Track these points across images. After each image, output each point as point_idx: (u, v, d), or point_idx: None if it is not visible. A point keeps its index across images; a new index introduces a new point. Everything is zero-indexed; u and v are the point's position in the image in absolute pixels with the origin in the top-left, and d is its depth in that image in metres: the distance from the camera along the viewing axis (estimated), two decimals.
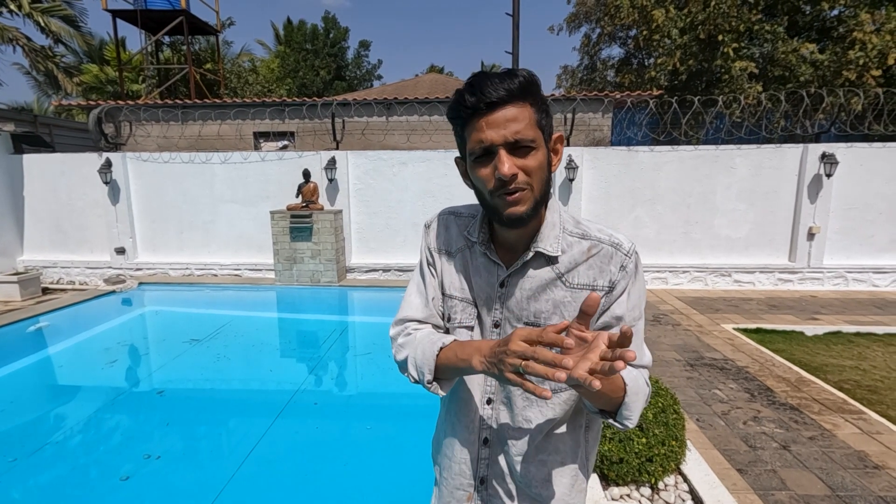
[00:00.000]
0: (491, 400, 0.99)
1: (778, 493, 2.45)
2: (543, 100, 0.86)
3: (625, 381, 0.84)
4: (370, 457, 3.04)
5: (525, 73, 0.83)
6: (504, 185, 0.83)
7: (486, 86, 0.81)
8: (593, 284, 0.90)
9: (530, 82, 0.83)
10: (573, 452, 1.00)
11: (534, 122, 0.83)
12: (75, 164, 7.59)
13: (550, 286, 0.91)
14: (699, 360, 4.35)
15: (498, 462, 0.99)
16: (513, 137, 0.81)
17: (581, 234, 0.92)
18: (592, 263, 0.90)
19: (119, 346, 4.98)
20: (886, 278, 6.89)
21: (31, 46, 12.90)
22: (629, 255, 0.90)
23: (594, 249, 0.90)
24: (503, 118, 0.81)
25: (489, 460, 1.00)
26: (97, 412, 3.61)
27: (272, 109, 9.56)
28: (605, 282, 0.89)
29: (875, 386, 3.77)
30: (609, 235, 0.92)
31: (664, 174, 7.11)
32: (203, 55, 17.17)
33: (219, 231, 7.73)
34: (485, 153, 0.83)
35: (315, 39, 23.91)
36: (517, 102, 0.82)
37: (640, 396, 0.86)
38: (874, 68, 10.38)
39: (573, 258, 0.91)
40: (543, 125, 0.85)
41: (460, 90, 0.85)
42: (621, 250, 0.90)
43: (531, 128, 0.82)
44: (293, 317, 6.57)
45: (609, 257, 0.90)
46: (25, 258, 7.86)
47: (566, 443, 0.99)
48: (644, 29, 12.55)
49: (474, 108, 0.82)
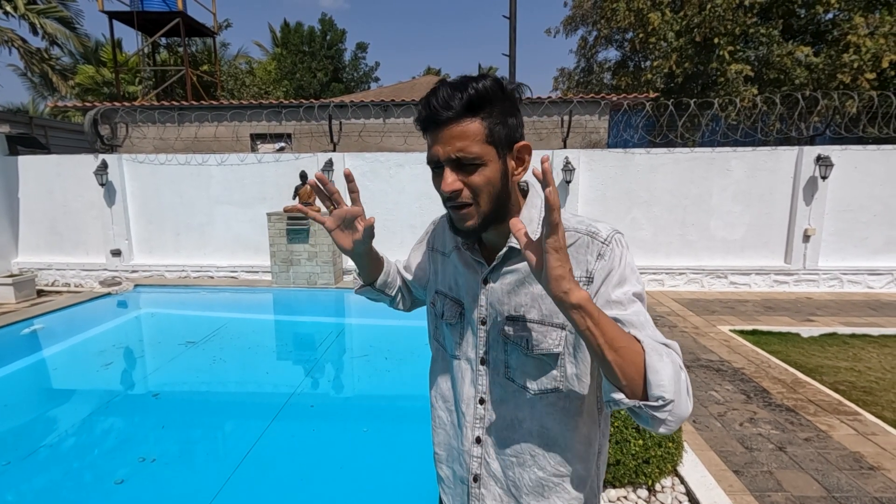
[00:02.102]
0: (483, 400, 0.99)
1: (774, 495, 2.45)
2: (503, 110, 0.84)
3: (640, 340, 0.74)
4: (367, 459, 3.03)
5: (482, 83, 0.82)
6: (449, 199, 0.86)
7: (438, 100, 0.82)
8: None
9: (481, 95, 0.81)
10: (580, 480, 0.95)
11: (482, 138, 0.82)
12: (71, 166, 7.56)
13: (528, 280, 0.91)
14: (695, 361, 4.36)
15: (491, 461, 0.99)
16: (455, 155, 0.82)
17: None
18: (569, 254, 0.84)
19: (114, 349, 4.95)
20: (881, 280, 6.93)
21: (27, 48, 12.86)
22: (607, 242, 0.86)
23: (570, 240, 0.88)
24: (449, 135, 0.82)
25: (482, 459, 1.00)
26: (92, 415, 3.59)
27: (269, 111, 9.55)
28: (581, 272, 0.86)
29: (870, 387, 3.79)
30: (588, 225, 0.89)
31: (660, 176, 7.13)
32: (200, 57, 17.14)
33: (215, 233, 7.71)
34: (436, 165, 0.87)
35: (312, 41, 23.92)
36: (465, 118, 0.82)
37: (666, 362, 0.71)
38: (868, 71, 10.44)
39: None
40: (497, 138, 0.84)
41: (420, 101, 0.86)
42: (598, 238, 0.87)
43: (477, 144, 0.82)
44: (290, 319, 6.55)
45: (586, 247, 0.87)
46: (20, 260, 7.82)
47: (573, 467, 0.94)
48: (640, 32, 12.61)
49: (425, 122, 0.85)
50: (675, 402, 0.70)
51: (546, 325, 0.90)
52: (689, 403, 0.73)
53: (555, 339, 0.89)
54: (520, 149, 0.88)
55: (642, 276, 6.92)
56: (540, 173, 0.69)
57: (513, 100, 0.86)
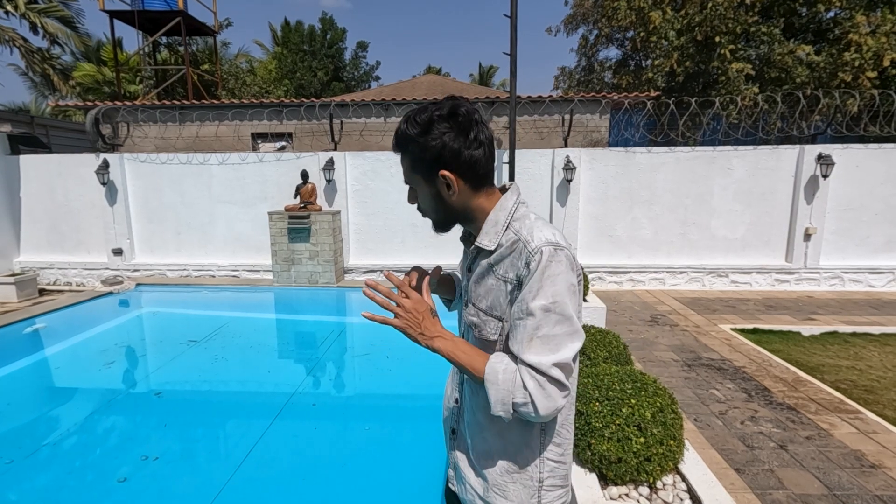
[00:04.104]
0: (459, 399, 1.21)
1: (775, 493, 2.46)
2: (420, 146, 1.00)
3: (485, 367, 0.99)
4: (369, 458, 3.03)
5: (402, 127, 1.02)
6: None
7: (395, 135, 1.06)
8: (507, 277, 1.01)
9: (401, 137, 1.03)
10: (517, 444, 1.09)
11: (409, 169, 1.06)
12: (72, 165, 7.57)
13: (487, 274, 1.06)
14: (697, 360, 4.36)
15: (462, 421, 1.19)
16: (405, 178, 1.10)
17: (516, 230, 1.02)
18: (511, 258, 1.01)
19: (116, 348, 4.97)
20: (882, 278, 6.93)
21: (28, 47, 12.86)
22: (534, 252, 0.96)
23: (514, 245, 1.00)
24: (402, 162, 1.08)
25: (459, 417, 1.20)
26: (94, 414, 3.60)
27: (270, 110, 9.56)
28: (513, 275, 1.00)
29: (871, 386, 3.79)
30: (529, 233, 0.99)
31: (661, 175, 7.13)
32: (200, 56, 17.15)
33: (216, 232, 7.72)
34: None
35: (312, 40, 23.90)
36: (400, 152, 1.07)
37: (496, 387, 0.96)
38: (869, 70, 10.42)
39: (502, 252, 1.03)
40: (421, 168, 1.04)
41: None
42: (528, 247, 0.97)
43: (408, 174, 1.08)
44: (291, 318, 6.56)
45: (520, 254, 0.99)
46: (22, 259, 7.83)
47: (512, 434, 1.09)
48: (641, 30, 12.59)
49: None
50: (491, 405, 0.98)
51: (488, 316, 1.06)
52: (504, 410, 0.97)
53: (492, 329, 1.05)
54: (442, 176, 1.02)
55: (643, 275, 6.88)
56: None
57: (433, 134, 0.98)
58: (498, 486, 1.11)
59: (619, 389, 2.61)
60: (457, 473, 1.22)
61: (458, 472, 1.21)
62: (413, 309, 1.01)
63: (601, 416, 2.45)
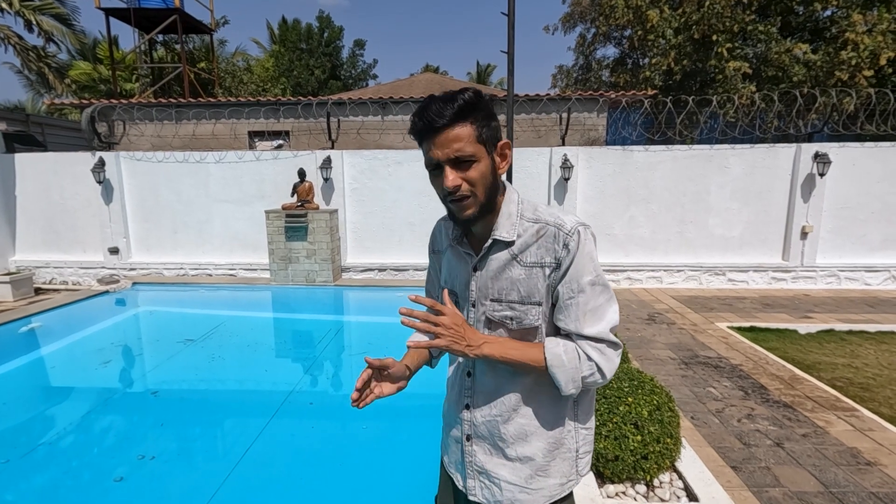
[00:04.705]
0: (470, 373, 1.18)
1: (772, 490, 2.47)
2: (486, 114, 1.01)
3: (545, 354, 1.04)
4: (366, 456, 3.03)
5: (467, 95, 0.97)
6: (451, 194, 1.01)
7: (431, 111, 0.96)
8: (541, 262, 1.05)
9: (470, 104, 0.97)
10: (553, 421, 1.12)
11: (474, 139, 0.98)
12: (68, 164, 7.53)
13: (508, 266, 1.07)
14: (693, 358, 4.37)
15: (478, 423, 1.16)
16: (454, 155, 0.98)
17: (534, 219, 1.07)
18: (541, 244, 1.05)
19: (113, 347, 4.95)
20: (878, 277, 6.95)
21: (23, 45, 12.78)
22: (570, 233, 1.03)
23: (542, 231, 1.05)
24: (446, 139, 0.97)
25: (471, 422, 1.18)
26: (91, 413, 3.59)
27: (267, 109, 9.53)
28: (551, 259, 1.04)
29: (867, 383, 3.81)
30: (556, 217, 1.06)
31: (659, 174, 7.14)
32: (197, 54, 17.07)
33: (213, 231, 7.70)
34: (435, 167, 1.02)
35: (310, 38, 23.83)
36: (458, 123, 0.97)
37: (564, 369, 1.03)
38: (866, 69, 10.45)
39: (525, 241, 1.06)
40: (486, 138, 1.00)
41: (413, 115, 1.01)
42: (563, 230, 1.03)
43: (471, 144, 0.98)
44: (288, 317, 6.55)
45: (553, 237, 1.04)
46: (17, 258, 7.80)
47: (546, 410, 1.11)
48: (639, 29, 12.59)
49: (422, 132, 0.99)
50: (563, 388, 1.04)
51: (526, 305, 1.07)
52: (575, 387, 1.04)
53: (535, 315, 1.07)
54: (502, 146, 1.05)
55: (640, 274, 6.90)
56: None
57: (491, 107, 1.03)
58: (540, 468, 1.12)
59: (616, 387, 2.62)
60: (483, 479, 1.17)
61: (484, 476, 1.17)
62: (453, 324, 1.02)
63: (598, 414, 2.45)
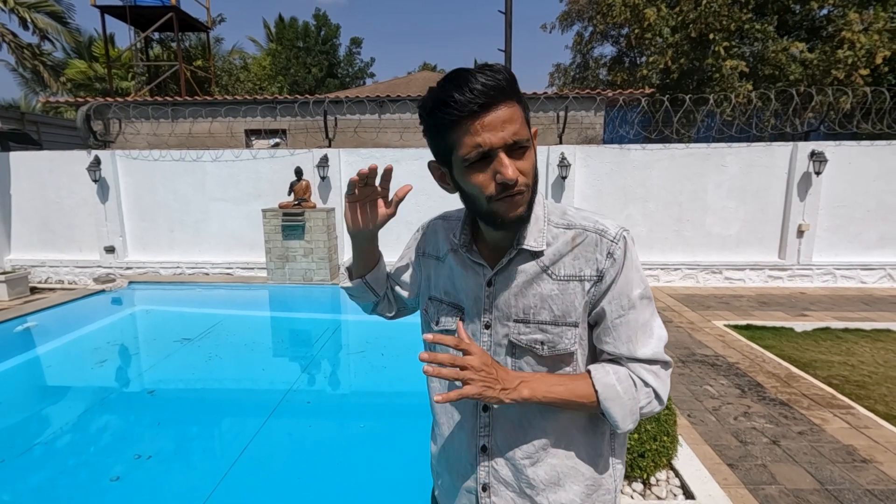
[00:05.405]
0: (487, 407, 0.95)
1: (768, 488, 2.47)
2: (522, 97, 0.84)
3: (595, 386, 0.85)
4: (364, 456, 3.03)
5: (505, 69, 0.79)
6: (506, 189, 0.80)
7: (478, 84, 0.75)
8: (580, 275, 0.87)
9: (514, 79, 0.79)
10: (591, 459, 0.94)
11: (524, 121, 0.80)
12: (63, 162, 7.49)
13: (536, 280, 0.89)
14: (690, 356, 4.38)
15: (499, 469, 0.95)
16: (511, 139, 0.78)
17: (566, 224, 0.90)
18: (578, 253, 0.87)
19: (109, 346, 4.93)
20: (874, 275, 6.98)
21: (18, 43, 12.71)
22: (616, 240, 0.86)
23: (578, 238, 0.87)
24: (499, 119, 0.77)
25: (489, 467, 0.96)
26: (87, 412, 3.57)
27: (264, 107, 9.49)
28: (591, 271, 0.86)
29: (863, 381, 3.82)
30: (594, 222, 0.88)
31: (656, 172, 7.14)
32: (193, 52, 17.01)
33: (210, 229, 7.67)
34: (481, 157, 0.79)
35: (307, 37, 23.76)
36: (508, 101, 0.78)
37: (620, 402, 0.85)
38: (862, 67, 10.49)
39: (558, 250, 0.88)
40: (528, 122, 0.83)
41: (441, 89, 0.79)
42: (607, 236, 0.86)
43: (524, 127, 0.80)
44: (285, 315, 6.54)
45: (594, 245, 0.87)
46: (13, 257, 7.75)
47: (581, 448, 0.94)
48: (636, 27, 12.60)
49: (464, 108, 0.76)
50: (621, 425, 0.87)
51: (560, 326, 0.88)
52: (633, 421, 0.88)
53: (570, 339, 0.88)
54: (534, 134, 0.86)
55: None
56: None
57: None
58: None
59: None
60: None
61: None
62: (483, 365, 0.80)
63: None
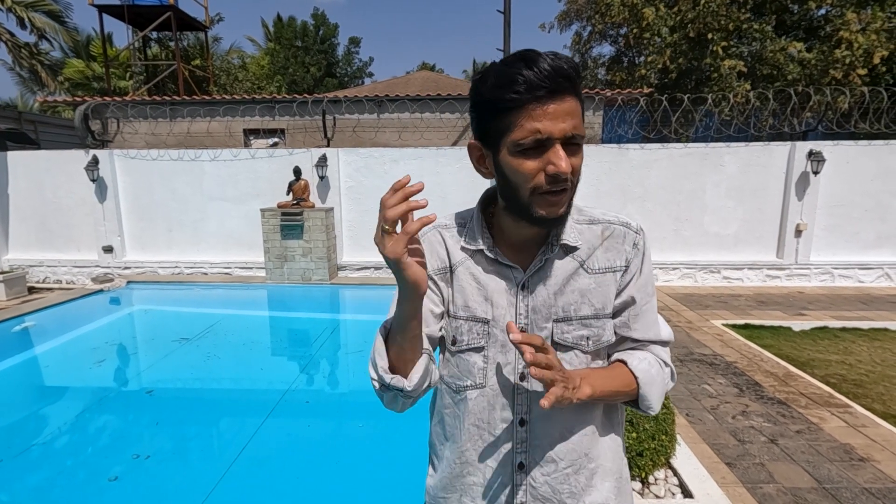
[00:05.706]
0: (524, 421, 0.90)
1: (766, 486, 2.48)
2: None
3: (635, 373, 0.88)
4: (362, 455, 3.03)
5: (574, 60, 0.76)
6: (555, 182, 0.76)
7: (545, 65, 0.72)
8: (613, 266, 0.90)
9: (580, 73, 0.76)
10: (614, 453, 0.95)
11: (582, 118, 0.78)
12: (61, 162, 7.47)
13: (574, 276, 0.89)
14: (689, 355, 4.39)
15: (538, 485, 0.91)
16: (572, 132, 0.75)
17: (588, 219, 0.93)
18: (609, 246, 0.91)
19: (107, 346, 4.92)
20: (872, 274, 7.00)
21: (15, 42, 12.67)
22: (639, 232, 0.93)
23: (607, 232, 0.92)
24: (563, 110, 0.74)
25: (527, 485, 0.91)
26: (85, 412, 3.57)
27: (262, 106, 9.48)
28: (622, 262, 0.91)
29: (860, 380, 3.83)
30: (615, 216, 0.94)
31: (654, 172, 7.15)
32: (192, 51, 16.98)
33: (208, 229, 7.66)
34: (536, 146, 0.75)
35: (305, 36, 23.73)
36: (574, 93, 0.75)
37: (656, 384, 0.89)
38: (860, 67, 10.51)
39: (590, 244, 0.91)
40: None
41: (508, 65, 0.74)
42: (632, 229, 0.92)
43: (582, 124, 0.77)
44: (284, 315, 6.53)
45: (622, 237, 0.91)
46: (10, 257, 7.73)
47: (605, 443, 0.94)
48: (634, 27, 12.60)
49: (532, 88, 0.72)
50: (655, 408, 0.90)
51: (602, 319, 0.90)
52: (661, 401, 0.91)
53: (610, 329, 0.92)
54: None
55: None
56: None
57: None
58: None
59: None
60: None
61: None
62: (559, 363, 0.77)
63: None
